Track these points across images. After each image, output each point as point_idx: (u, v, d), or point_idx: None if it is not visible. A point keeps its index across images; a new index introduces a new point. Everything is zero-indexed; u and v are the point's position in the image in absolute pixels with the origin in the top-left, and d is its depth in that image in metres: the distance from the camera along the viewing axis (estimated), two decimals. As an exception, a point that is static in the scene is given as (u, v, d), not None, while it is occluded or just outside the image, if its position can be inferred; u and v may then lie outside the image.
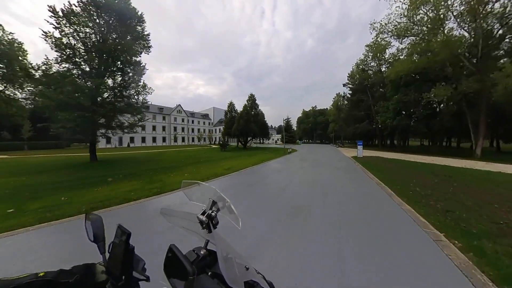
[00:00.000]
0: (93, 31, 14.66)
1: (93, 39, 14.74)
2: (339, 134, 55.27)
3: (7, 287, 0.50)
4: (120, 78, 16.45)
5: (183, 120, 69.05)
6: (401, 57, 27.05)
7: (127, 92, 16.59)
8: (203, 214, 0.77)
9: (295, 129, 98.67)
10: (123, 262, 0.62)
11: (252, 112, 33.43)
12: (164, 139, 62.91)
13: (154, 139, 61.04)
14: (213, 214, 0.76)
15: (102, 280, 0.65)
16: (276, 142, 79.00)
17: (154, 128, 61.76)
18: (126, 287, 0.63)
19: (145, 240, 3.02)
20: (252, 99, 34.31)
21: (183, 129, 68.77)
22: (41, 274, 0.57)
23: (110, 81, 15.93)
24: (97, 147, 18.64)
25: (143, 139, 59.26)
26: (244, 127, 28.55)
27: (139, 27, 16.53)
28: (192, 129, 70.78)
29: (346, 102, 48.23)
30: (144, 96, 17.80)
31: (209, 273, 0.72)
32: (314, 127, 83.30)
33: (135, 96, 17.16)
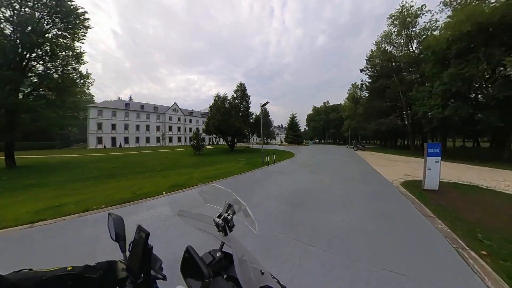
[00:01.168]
0: None
1: None
2: (357, 133, 45.59)
3: (40, 279, 0.55)
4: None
5: (179, 119, 63.62)
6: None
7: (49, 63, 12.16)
8: (219, 217, 0.77)
9: (306, 128, 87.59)
10: (142, 260, 0.64)
11: (241, 106, 26.16)
12: (158, 139, 57.94)
13: (147, 139, 56.34)
14: (229, 217, 0.76)
15: (122, 277, 0.69)
16: (282, 142, 69.01)
17: (148, 127, 57.19)
18: (144, 284, 0.65)
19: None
20: (241, 89, 26.94)
21: (179, 128, 63.35)
22: (69, 268, 0.61)
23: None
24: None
25: (137, 139, 54.88)
26: (222, 123, 21.27)
27: None
28: (190, 129, 64.89)
29: (364, 92, 37.91)
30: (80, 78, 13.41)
31: (225, 276, 0.73)
32: (326, 125, 71.70)
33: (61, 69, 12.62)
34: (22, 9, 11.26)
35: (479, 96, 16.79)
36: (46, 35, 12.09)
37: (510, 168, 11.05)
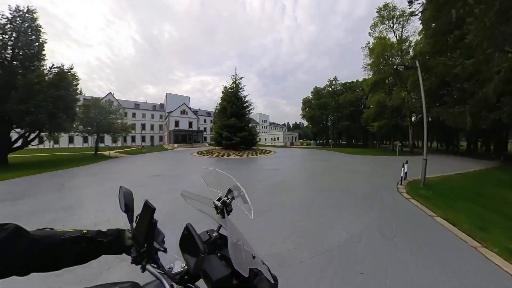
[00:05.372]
0: None
1: None
2: (403, 124, 23.32)
3: (59, 237, 0.63)
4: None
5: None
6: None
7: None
8: (218, 200, 0.83)
9: (305, 122, 57.48)
10: (147, 232, 0.69)
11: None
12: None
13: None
14: (227, 201, 0.82)
15: (128, 244, 0.78)
16: (273, 139, 57.02)
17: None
18: (147, 254, 0.72)
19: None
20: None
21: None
22: (84, 231, 0.70)
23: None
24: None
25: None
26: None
27: None
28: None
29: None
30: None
31: (218, 255, 0.78)
32: (337, 114, 44.40)
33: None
34: None
35: None
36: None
37: None
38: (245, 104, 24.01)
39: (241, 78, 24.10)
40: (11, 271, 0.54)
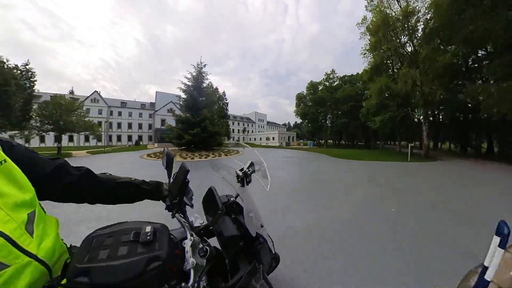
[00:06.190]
0: None
1: None
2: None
3: (116, 181, 0.86)
4: None
5: (100, 112, 53.72)
6: None
7: None
8: (241, 170, 0.97)
9: (299, 119, 49.62)
10: (180, 188, 0.84)
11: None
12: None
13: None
14: (248, 172, 0.95)
15: (165, 195, 0.98)
16: (268, 139, 52.36)
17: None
18: (178, 205, 0.88)
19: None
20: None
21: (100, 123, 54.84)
22: (133, 179, 0.93)
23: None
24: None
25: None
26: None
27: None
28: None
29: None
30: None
31: (232, 216, 0.96)
32: (334, 111, 39.99)
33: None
34: None
35: None
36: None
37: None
38: (208, 97, 20.28)
39: (204, 65, 19.74)
40: (86, 199, 0.81)
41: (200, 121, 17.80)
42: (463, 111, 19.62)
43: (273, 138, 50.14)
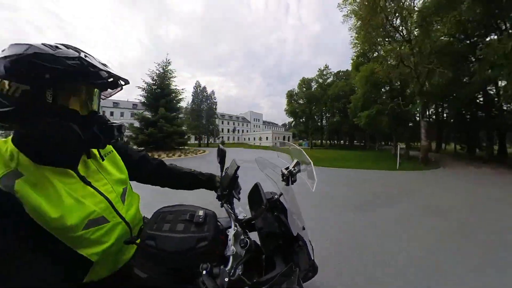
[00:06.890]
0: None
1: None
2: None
3: (180, 170, 1.08)
4: None
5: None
6: None
7: None
8: (286, 169, 0.90)
9: (290, 119, 48.29)
10: (230, 181, 0.92)
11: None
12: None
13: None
14: (294, 171, 0.89)
15: (217, 186, 1.09)
16: (260, 139, 50.28)
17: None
18: (227, 197, 0.97)
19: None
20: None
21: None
22: (193, 170, 1.11)
23: None
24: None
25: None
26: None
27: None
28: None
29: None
30: None
31: (275, 214, 0.93)
32: (326, 109, 37.59)
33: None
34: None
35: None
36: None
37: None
38: (172, 95, 19.52)
39: (169, 62, 19.51)
40: (159, 184, 1.04)
41: (156, 120, 16.43)
42: (474, 106, 16.17)
43: (266, 138, 47.48)
